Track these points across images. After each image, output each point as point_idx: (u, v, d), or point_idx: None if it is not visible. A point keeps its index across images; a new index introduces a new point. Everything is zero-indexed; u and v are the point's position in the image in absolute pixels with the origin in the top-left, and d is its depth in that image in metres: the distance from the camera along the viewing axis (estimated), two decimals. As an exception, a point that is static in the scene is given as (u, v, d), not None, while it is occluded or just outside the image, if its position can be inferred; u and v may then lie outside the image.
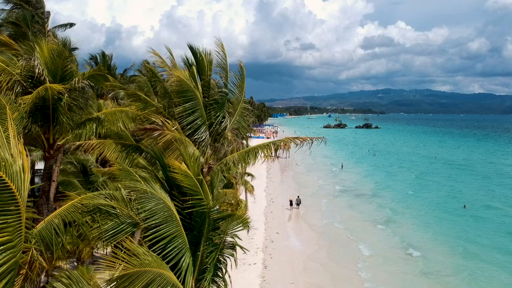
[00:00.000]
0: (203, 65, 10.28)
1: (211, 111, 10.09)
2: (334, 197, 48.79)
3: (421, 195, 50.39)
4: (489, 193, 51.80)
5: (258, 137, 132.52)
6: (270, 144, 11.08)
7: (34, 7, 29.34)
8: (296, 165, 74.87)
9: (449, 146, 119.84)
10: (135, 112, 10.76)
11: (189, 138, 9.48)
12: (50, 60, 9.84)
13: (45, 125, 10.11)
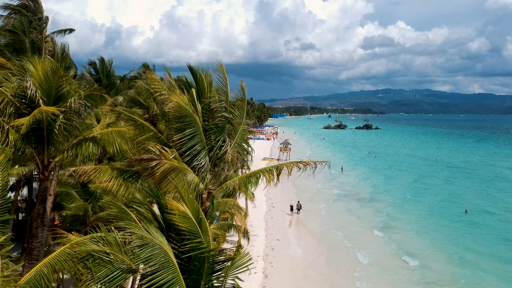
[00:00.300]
0: (203, 87, 9.99)
1: (211, 134, 9.79)
2: (333, 202, 48.50)
3: (420, 199, 50.12)
4: (488, 198, 51.51)
5: (258, 138, 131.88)
6: (272, 168, 10.76)
7: (33, 13, 29.03)
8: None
9: (449, 147, 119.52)
10: (132, 133, 10.45)
11: (188, 164, 9.18)
12: (44, 80, 9.54)
13: (40, 147, 9.83)
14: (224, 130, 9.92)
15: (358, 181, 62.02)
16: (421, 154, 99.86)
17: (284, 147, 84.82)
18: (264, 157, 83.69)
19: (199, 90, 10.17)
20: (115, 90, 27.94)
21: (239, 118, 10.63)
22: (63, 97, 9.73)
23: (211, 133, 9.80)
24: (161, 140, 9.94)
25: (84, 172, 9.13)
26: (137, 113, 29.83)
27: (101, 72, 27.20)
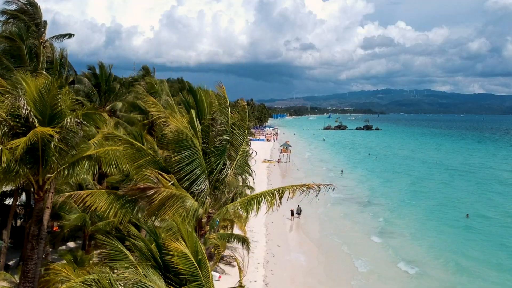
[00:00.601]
0: (203, 107, 9.72)
1: (211, 157, 9.51)
2: (332, 206, 47.91)
3: (419, 203, 49.65)
4: (488, 202, 51.01)
5: (258, 139, 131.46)
6: (274, 192, 10.46)
7: (31, 18, 28.72)
8: (297, 170, 74.20)
9: (448, 149, 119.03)
10: (131, 152, 10.09)
11: (188, 189, 8.91)
12: (38, 98, 9.27)
13: (35, 167, 9.56)
14: (224, 153, 9.64)
15: (357, 184, 61.63)
16: (421, 156, 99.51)
17: (284, 149, 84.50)
18: (264, 159, 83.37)
19: (198, 110, 9.89)
20: (114, 95, 27.63)
21: (240, 138, 10.34)
22: (59, 115, 9.45)
23: (211, 155, 9.52)
24: (159, 163, 9.65)
25: (80, 197, 8.84)
26: (137, 118, 29.60)
27: (100, 77, 26.90)
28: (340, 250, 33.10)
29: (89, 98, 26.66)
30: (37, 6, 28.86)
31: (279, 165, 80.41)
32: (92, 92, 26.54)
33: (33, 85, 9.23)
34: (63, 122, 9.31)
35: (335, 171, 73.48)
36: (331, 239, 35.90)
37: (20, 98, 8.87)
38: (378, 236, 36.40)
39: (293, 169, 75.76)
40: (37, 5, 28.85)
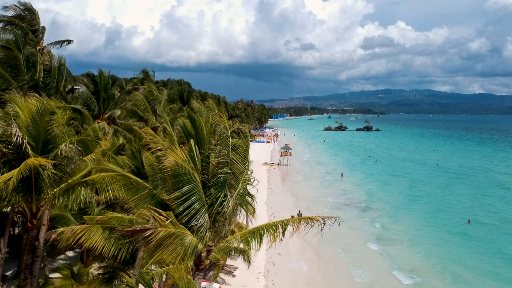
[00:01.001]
0: (202, 136, 9.37)
1: (211, 188, 9.14)
2: (331, 211, 47.42)
3: (418, 208, 49.22)
4: (487, 208, 50.32)
5: (259, 141, 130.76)
6: (277, 224, 10.10)
7: (29, 24, 28.36)
8: (297, 174, 73.82)
9: (448, 151, 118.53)
10: (127, 185, 9.64)
11: (186, 224, 8.54)
12: (31, 124, 8.93)
13: (27, 195, 9.22)
14: (225, 185, 9.29)
15: (357, 188, 61.02)
16: (421, 158, 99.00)
17: (284, 152, 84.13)
18: (264, 162, 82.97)
19: (198, 139, 9.54)
20: (114, 103, 27.27)
21: (241, 166, 9.98)
22: (53, 141, 9.10)
23: (212, 187, 9.15)
24: (156, 197, 9.29)
25: (73, 233, 8.48)
26: (136, 126, 29.26)
27: (99, 84, 26.54)
28: (338, 259, 32.83)
29: (87, 106, 26.31)
30: (35, 12, 28.51)
31: (279, 168, 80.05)
32: (91, 100, 26.19)
33: (26, 109, 8.89)
34: (56, 150, 8.96)
35: (335, 174, 73.07)
36: (329, 247, 35.54)
37: (13, 125, 8.53)
38: (376, 243, 36.17)
39: (293, 172, 75.40)
40: (35, 11, 28.50)
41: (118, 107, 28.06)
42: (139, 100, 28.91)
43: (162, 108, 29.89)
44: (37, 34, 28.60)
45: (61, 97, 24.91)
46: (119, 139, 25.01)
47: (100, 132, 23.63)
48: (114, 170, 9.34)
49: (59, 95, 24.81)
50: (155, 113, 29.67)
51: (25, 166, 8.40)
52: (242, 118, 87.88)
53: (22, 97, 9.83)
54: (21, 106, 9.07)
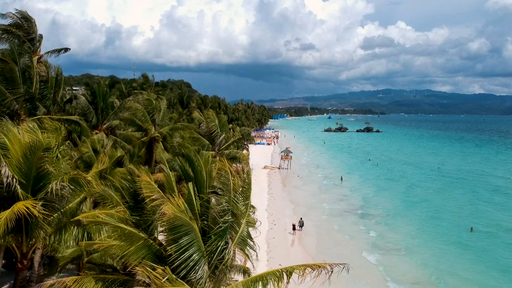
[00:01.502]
0: (202, 179, 8.86)
1: (211, 235, 8.60)
2: (330, 217, 46.89)
3: (416, 215, 48.26)
4: (487, 215, 49.21)
5: (259, 143, 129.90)
6: (282, 271, 9.56)
7: (26, 32, 27.93)
8: (297, 178, 73.27)
9: (449, 154, 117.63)
10: (123, 215, 9.20)
11: (184, 277, 8.01)
12: (23, 161, 8.45)
13: (18, 235, 8.73)
14: (226, 233, 8.77)
15: (355, 193, 59.98)
16: (422, 161, 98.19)
17: (285, 155, 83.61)
18: (265, 166, 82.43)
19: (197, 181, 9.03)
20: (113, 113, 26.77)
21: (242, 208, 9.46)
22: (44, 179, 8.61)
23: (212, 234, 8.61)
24: (152, 248, 8.72)
25: (63, 285, 7.98)
26: (135, 136, 28.77)
27: (97, 94, 26.04)
28: (335, 270, 32.24)
29: (85, 116, 25.82)
30: (32, 20, 28.07)
31: (280, 172, 79.56)
32: (89, 111, 25.70)
33: (18, 144, 8.40)
34: (47, 188, 8.49)
35: (335, 178, 72.33)
36: (326, 256, 35.01)
37: (2, 164, 8.05)
38: (372, 253, 35.61)
39: (293, 176, 74.83)
40: (32, 19, 28.07)
41: (116, 117, 27.56)
42: (138, 109, 28.40)
43: (161, 117, 29.40)
44: (34, 42, 28.19)
45: (58, 108, 24.47)
46: (118, 151, 24.54)
47: (98, 144, 23.14)
48: (105, 222, 8.76)
49: (56, 106, 24.36)
50: (154, 122, 29.17)
51: (11, 211, 7.91)
52: (242, 121, 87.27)
53: (14, 126, 9.29)
54: (12, 140, 8.56)
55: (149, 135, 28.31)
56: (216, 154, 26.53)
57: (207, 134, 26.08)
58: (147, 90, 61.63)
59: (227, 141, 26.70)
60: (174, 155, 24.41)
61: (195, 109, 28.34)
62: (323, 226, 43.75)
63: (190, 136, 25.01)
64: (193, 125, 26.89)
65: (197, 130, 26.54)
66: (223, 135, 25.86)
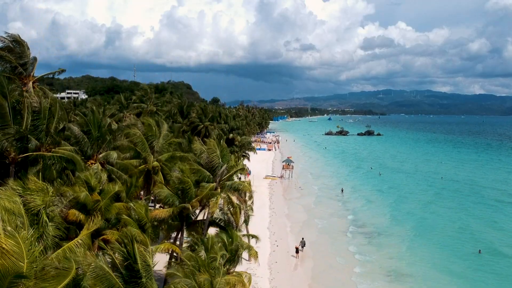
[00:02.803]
0: None
1: None
2: (336, 237, 45.64)
3: (421, 233, 46.76)
4: (502, 233, 47.54)
5: (259, 148, 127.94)
6: None
7: (18, 56, 26.70)
8: (299, 189, 72.03)
9: (452, 160, 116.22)
10: None
11: None
12: None
13: None
14: None
15: (357, 208, 58.24)
16: (425, 170, 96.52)
17: (286, 165, 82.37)
18: (266, 175, 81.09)
19: None
20: (108, 142, 25.55)
21: None
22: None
23: None
24: None
25: None
26: (132, 164, 27.54)
27: (92, 124, 24.81)
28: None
29: (80, 147, 24.59)
30: (24, 43, 26.85)
31: (281, 182, 78.28)
32: (83, 141, 24.48)
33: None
34: None
35: (336, 190, 70.79)
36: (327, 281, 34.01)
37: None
38: (375, 280, 34.34)
39: (295, 187, 73.45)
40: (24, 42, 26.85)
41: (113, 145, 26.34)
42: (137, 136, 27.20)
43: (161, 144, 28.19)
44: (26, 67, 26.99)
45: (51, 139, 23.23)
46: (115, 185, 23.32)
47: (93, 180, 21.90)
48: None
49: (50, 137, 23.13)
50: (152, 149, 27.96)
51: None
52: (243, 130, 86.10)
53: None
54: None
55: (147, 163, 27.09)
56: (217, 185, 25.29)
57: (207, 164, 24.83)
58: (146, 103, 60.73)
59: (228, 171, 25.45)
60: (173, 191, 23.22)
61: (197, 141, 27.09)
62: (323, 247, 42.43)
63: (190, 168, 23.76)
64: (193, 155, 25.64)
65: (197, 160, 25.29)
66: (225, 166, 24.61)
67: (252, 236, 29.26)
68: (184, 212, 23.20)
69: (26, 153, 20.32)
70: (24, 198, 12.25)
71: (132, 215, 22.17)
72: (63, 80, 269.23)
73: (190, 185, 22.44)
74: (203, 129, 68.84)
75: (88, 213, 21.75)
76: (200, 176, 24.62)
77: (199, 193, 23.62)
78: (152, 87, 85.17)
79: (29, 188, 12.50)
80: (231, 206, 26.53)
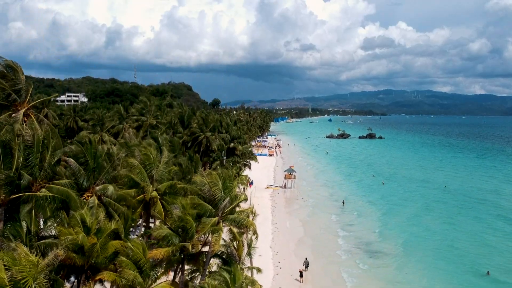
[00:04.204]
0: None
1: None
2: (328, 258, 44.25)
3: (423, 250, 45.48)
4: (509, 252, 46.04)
5: (260, 154, 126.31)
6: None
7: (12, 83, 25.59)
8: (301, 200, 70.75)
9: (455, 167, 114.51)
10: None
11: None
12: None
13: None
14: None
15: (358, 222, 56.75)
16: (428, 177, 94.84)
17: (288, 174, 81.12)
18: (267, 185, 79.84)
19: None
20: (105, 173, 24.41)
21: None
22: None
23: None
24: None
25: None
26: (130, 194, 26.40)
27: (88, 154, 23.68)
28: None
29: (75, 179, 23.47)
30: (18, 69, 25.70)
31: (284, 192, 76.99)
32: (79, 173, 23.35)
33: None
34: None
35: (338, 201, 69.18)
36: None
37: None
38: None
39: (297, 198, 72.03)
40: (18, 68, 25.71)
41: (110, 176, 25.20)
42: (135, 166, 26.07)
43: (160, 172, 27.05)
44: (20, 94, 25.87)
45: (45, 174, 22.11)
46: (113, 222, 22.22)
47: (88, 218, 20.80)
48: None
49: (44, 172, 22.00)
50: (152, 178, 26.83)
51: None
52: (244, 139, 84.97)
53: None
54: None
55: (146, 194, 25.95)
56: (219, 219, 24.15)
57: (209, 197, 23.73)
58: (146, 116, 59.51)
59: (231, 203, 24.33)
60: (173, 228, 22.11)
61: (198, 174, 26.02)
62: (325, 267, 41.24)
63: (191, 203, 22.64)
64: (195, 186, 24.50)
65: (198, 192, 24.17)
66: (227, 199, 23.49)
67: (256, 269, 28.12)
68: (184, 250, 22.10)
69: (17, 194, 19.19)
70: (12, 272, 11.36)
71: (130, 255, 21.08)
72: (64, 82, 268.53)
73: (192, 224, 21.33)
74: (204, 139, 67.76)
75: (84, 254, 20.74)
76: (201, 210, 23.52)
77: (201, 229, 22.53)
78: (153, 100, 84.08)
79: (19, 262, 11.48)
80: (234, 239, 25.43)
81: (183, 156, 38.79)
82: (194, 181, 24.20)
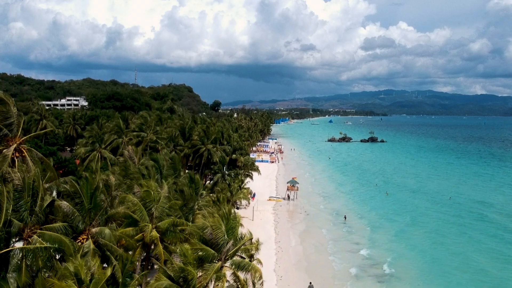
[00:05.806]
0: None
1: None
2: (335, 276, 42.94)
3: (437, 275, 43.92)
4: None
5: (262, 160, 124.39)
6: None
7: (3, 117, 24.14)
8: (304, 213, 69.05)
9: (460, 175, 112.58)
10: None
11: None
12: None
13: None
14: None
15: (361, 240, 54.80)
16: (432, 188, 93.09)
17: (291, 186, 79.53)
18: (270, 197, 78.09)
19: None
20: (101, 212, 22.96)
21: None
22: None
23: None
24: None
25: None
26: (128, 234, 24.97)
27: (84, 194, 22.23)
28: None
29: (70, 222, 22.00)
30: (9, 102, 24.19)
31: (287, 204, 75.30)
32: (73, 216, 21.90)
33: None
34: None
35: (339, 216, 67.12)
36: None
37: None
38: None
39: (300, 212, 70.27)
40: (9, 101, 24.19)
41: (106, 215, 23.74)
42: (135, 204, 24.63)
43: (160, 209, 25.59)
44: (11, 128, 24.40)
45: (36, 219, 20.67)
46: (108, 269, 20.79)
47: (83, 271, 19.34)
48: None
49: (35, 216, 20.56)
50: (151, 216, 25.37)
51: None
52: (246, 150, 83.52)
53: None
54: None
55: (145, 234, 24.49)
56: (222, 264, 22.69)
57: (212, 240, 22.31)
58: (146, 132, 57.95)
59: (235, 245, 22.91)
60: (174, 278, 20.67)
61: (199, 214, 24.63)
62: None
63: (192, 248, 21.23)
64: (196, 228, 23.07)
65: (200, 233, 22.75)
66: (231, 242, 22.06)
67: None
68: (186, 301, 20.65)
69: (4, 249, 17.75)
70: None
71: (128, 308, 19.68)
72: (64, 84, 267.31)
73: (193, 275, 19.88)
74: (205, 152, 66.34)
75: (78, 309, 19.33)
76: (203, 254, 22.10)
77: (203, 278, 21.10)
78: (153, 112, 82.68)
79: None
80: (238, 283, 23.99)
81: (183, 179, 37.30)
82: (196, 222, 22.81)
